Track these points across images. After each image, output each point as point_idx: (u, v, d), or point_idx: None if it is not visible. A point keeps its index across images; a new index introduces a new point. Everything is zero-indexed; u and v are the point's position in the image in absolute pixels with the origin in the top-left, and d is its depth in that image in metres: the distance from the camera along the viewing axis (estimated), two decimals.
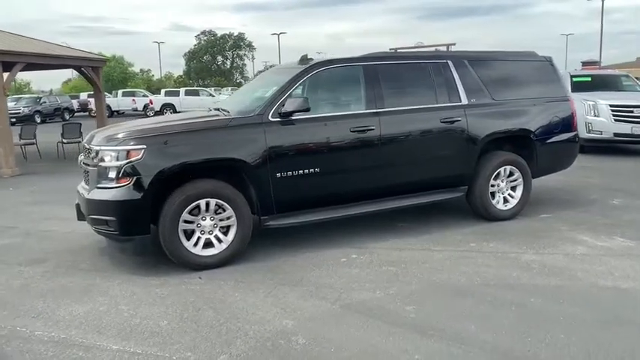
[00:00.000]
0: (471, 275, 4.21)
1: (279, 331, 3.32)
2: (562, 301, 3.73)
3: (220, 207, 4.42)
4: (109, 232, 4.30)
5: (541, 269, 4.31)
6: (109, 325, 3.47)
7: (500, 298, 3.77)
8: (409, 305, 3.66)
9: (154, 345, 3.19)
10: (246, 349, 3.12)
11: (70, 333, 3.36)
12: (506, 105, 5.65)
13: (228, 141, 4.42)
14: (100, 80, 12.43)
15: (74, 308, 3.74)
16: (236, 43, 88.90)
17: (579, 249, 4.79)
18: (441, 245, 4.98)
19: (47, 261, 4.78)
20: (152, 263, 4.59)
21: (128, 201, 4.14)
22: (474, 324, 3.37)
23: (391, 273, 4.29)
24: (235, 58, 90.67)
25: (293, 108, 4.54)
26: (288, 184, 4.61)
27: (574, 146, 6.19)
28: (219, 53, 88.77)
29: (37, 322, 3.54)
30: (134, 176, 4.15)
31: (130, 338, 3.27)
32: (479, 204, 5.59)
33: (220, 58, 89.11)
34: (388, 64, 5.19)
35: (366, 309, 3.64)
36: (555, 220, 5.75)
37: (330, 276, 4.26)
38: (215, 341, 3.21)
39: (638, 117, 10.04)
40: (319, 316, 3.53)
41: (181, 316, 3.57)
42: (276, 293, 3.93)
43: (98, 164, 4.31)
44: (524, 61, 6.07)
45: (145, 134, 4.31)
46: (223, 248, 4.45)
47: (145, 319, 3.53)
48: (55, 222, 6.19)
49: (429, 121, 5.22)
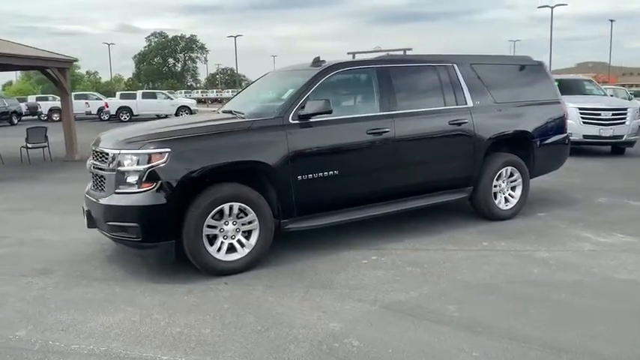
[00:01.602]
0: (494, 273, 4.32)
1: (329, 334, 3.29)
2: (587, 295, 3.88)
3: (242, 211, 4.34)
4: (129, 239, 4.13)
5: (558, 265, 4.47)
6: (148, 335, 3.33)
7: (529, 295, 3.89)
8: (448, 304, 3.72)
9: (206, 354, 3.08)
10: (303, 353, 3.07)
11: (110, 345, 3.20)
12: (507, 107, 5.84)
13: (252, 143, 4.34)
14: (67, 82, 11.89)
15: (104, 319, 3.57)
16: (188, 46, 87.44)
17: (586, 245, 5.01)
18: (455, 245, 5.08)
19: (54, 271, 4.53)
20: (169, 270, 4.43)
21: (153, 206, 3.99)
22: (514, 320, 3.46)
23: (417, 273, 4.33)
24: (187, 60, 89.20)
25: (314, 110, 4.51)
26: (308, 186, 4.58)
27: (566, 147, 6.48)
28: (171, 55, 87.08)
29: (69, 335, 3.35)
30: (158, 180, 4.01)
31: (177, 348, 3.15)
32: (483, 204, 5.74)
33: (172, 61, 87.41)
34: (399, 67, 5.25)
35: (407, 309, 3.66)
36: (552, 219, 5.98)
37: (358, 278, 4.26)
38: (268, 347, 3.14)
39: (605, 119, 10.63)
40: (363, 318, 3.53)
41: (222, 323, 3.47)
42: (310, 296, 3.89)
43: (117, 168, 4.13)
44: (520, 65, 6.30)
45: (168, 137, 4.17)
46: (246, 253, 4.37)
47: (185, 328, 3.41)
48: (46, 230, 5.88)
49: (439, 123, 5.32)
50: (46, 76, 11.88)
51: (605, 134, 10.63)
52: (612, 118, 10.72)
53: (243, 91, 6.19)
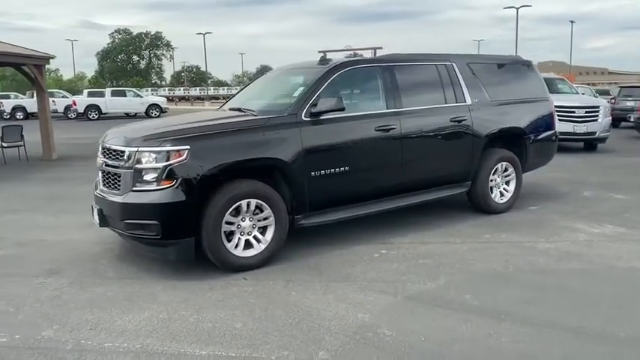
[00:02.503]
0: (503, 264, 4.50)
1: (360, 325, 3.38)
2: (594, 282, 4.11)
3: (258, 207, 4.37)
4: (147, 237, 4.11)
5: (560, 255, 4.69)
6: (180, 331, 3.34)
7: (541, 283, 4.07)
8: (466, 294, 3.86)
9: (243, 347, 3.12)
10: (340, 343, 3.15)
11: (145, 342, 3.20)
12: (502, 105, 6.05)
13: (268, 140, 4.38)
14: (43, 79, 11.56)
15: (131, 317, 3.55)
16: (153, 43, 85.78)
17: (581, 236, 5.26)
18: (459, 238, 5.25)
19: (64, 271, 4.47)
20: (183, 267, 4.42)
21: (173, 203, 3.98)
22: (532, 307, 3.63)
23: (430, 265, 4.47)
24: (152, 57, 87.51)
25: (327, 107, 4.58)
26: (321, 182, 4.65)
27: (555, 143, 6.76)
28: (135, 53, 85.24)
29: (100, 333, 3.33)
30: (178, 178, 4.01)
31: (214, 343, 3.18)
32: (481, 198, 5.94)
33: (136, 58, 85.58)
34: (404, 65, 5.38)
35: (429, 299, 3.79)
36: (544, 212, 6.24)
37: (374, 271, 4.36)
38: (303, 339, 3.21)
39: (579, 117, 11.08)
40: (389, 309, 3.63)
41: (253, 317, 3.51)
42: (332, 290, 3.97)
43: (134, 166, 4.10)
44: (511, 64, 6.53)
45: (186, 134, 4.17)
46: (262, 249, 4.41)
47: (216, 323, 3.44)
48: (44, 230, 5.75)
49: (441, 120, 5.48)
50: (22, 73, 11.52)
51: (579, 131, 11.08)
52: (585, 116, 11.18)
53: (245, 89, 6.19)
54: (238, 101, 5.63)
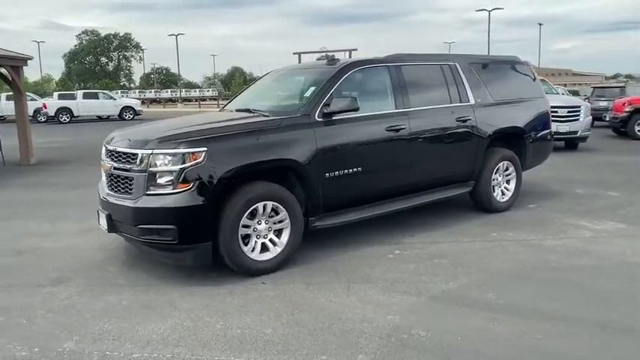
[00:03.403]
0: (517, 262, 4.53)
1: (393, 327, 3.34)
2: (608, 277, 4.17)
3: (273, 210, 4.30)
4: (163, 242, 3.98)
5: (569, 252, 4.76)
6: (210, 339, 3.24)
7: (557, 280, 4.12)
8: (488, 293, 3.87)
9: (279, 353, 3.05)
10: (377, 346, 3.11)
11: (175, 351, 3.10)
12: (503, 104, 6.12)
13: (284, 142, 4.31)
14: (21, 81, 11.16)
15: (153, 326, 3.43)
16: (122, 44, 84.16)
17: (585, 233, 5.35)
18: (467, 237, 5.28)
19: (71, 279, 4.29)
20: (197, 273, 4.31)
21: (191, 207, 3.87)
22: (555, 303, 3.67)
23: (446, 265, 4.47)
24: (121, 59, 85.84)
25: (340, 108, 4.54)
26: (334, 183, 4.60)
27: (551, 142, 6.88)
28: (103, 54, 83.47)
29: (125, 343, 3.20)
30: (196, 180, 3.90)
31: (248, 350, 3.10)
32: (484, 197, 6.00)
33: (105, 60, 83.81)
34: (410, 65, 5.38)
35: (453, 299, 3.78)
36: (543, 209, 6.34)
37: (392, 271, 4.34)
38: (339, 343, 3.15)
39: (562, 117, 11.32)
40: (417, 310, 3.61)
41: (281, 322, 3.44)
42: (354, 292, 3.93)
43: (148, 169, 3.97)
44: (510, 64, 6.62)
45: (202, 136, 4.06)
46: (278, 252, 4.33)
47: (245, 329, 3.35)
48: (40, 238, 5.53)
49: (448, 120, 5.51)
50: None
51: (562, 130, 11.32)
52: (568, 115, 11.44)
53: (248, 90, 6.07)
54: (243, 102, 5.52)
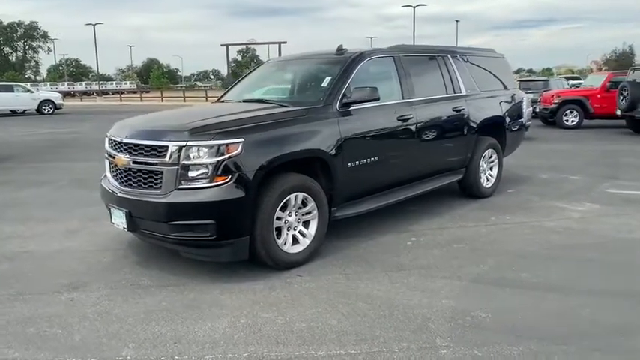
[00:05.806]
0: (529, 243, 4.78)
1: (452, 310, 3.41)
2: (614, 252, 4.52)
3: (302, 201, 4.23)
4: (197, 238, 3.78)
5: (568, 233, 5.09)
6: (278, 334, 3.15)
7: (573, 257, 4.41)
8: (521, 273, 4.06)
9: (357, 343, 3.02)
10: (448, 328, 3.17)
11: (249, 349, 2.97)
12: (488, 95, 6.41)
13: (313, 132, 4.24)
14: None
15: (210, 325, 3.27)
16: (28, 33, 77.91)
17: (573, 214, 5.75)
18: (470, 222, 5.49)
19: (87, 284, 3.97)
20: (225, 270, 4.15)
21: (231, 200, 3.71)
22: (587, 279, 3.93)
23: (467, 249, 4.62)
24: (28, 50, 79.53)
25: (360, 98, 4.54)
26: (356, 173, 4.60)
27: (523, 131, 7.29)
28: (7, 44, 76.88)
29: (190, 346, 3.02)
30: (234, 173, 3.74)
31: (326, 342, 3.03)
32: (473, 184, 6.26)
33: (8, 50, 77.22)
34: (413, 57, 5.49)
35: (492, 280, 3.93)
36: (522, 194, 6.73)
37: (420, 258, 4.42)
38: (412, 328, 3.17)
39: None
40: (464, 292, 3.71)
41: (342, 313, 3.40)
42: (396, 279, 3.96)
43: (181, 162, 3.75)
44: (490, 57, 6.93)
45: (238, 126, 3.89)
46: (307, 244, 4.27)
47: (309, 322, 3.28)
48: (21, 241, 5.05)
49: (446, 109, 5.68)
50: None
51: None
52: None
53: (244, 81, 5.84)
54: (245, 93, 5.35)
